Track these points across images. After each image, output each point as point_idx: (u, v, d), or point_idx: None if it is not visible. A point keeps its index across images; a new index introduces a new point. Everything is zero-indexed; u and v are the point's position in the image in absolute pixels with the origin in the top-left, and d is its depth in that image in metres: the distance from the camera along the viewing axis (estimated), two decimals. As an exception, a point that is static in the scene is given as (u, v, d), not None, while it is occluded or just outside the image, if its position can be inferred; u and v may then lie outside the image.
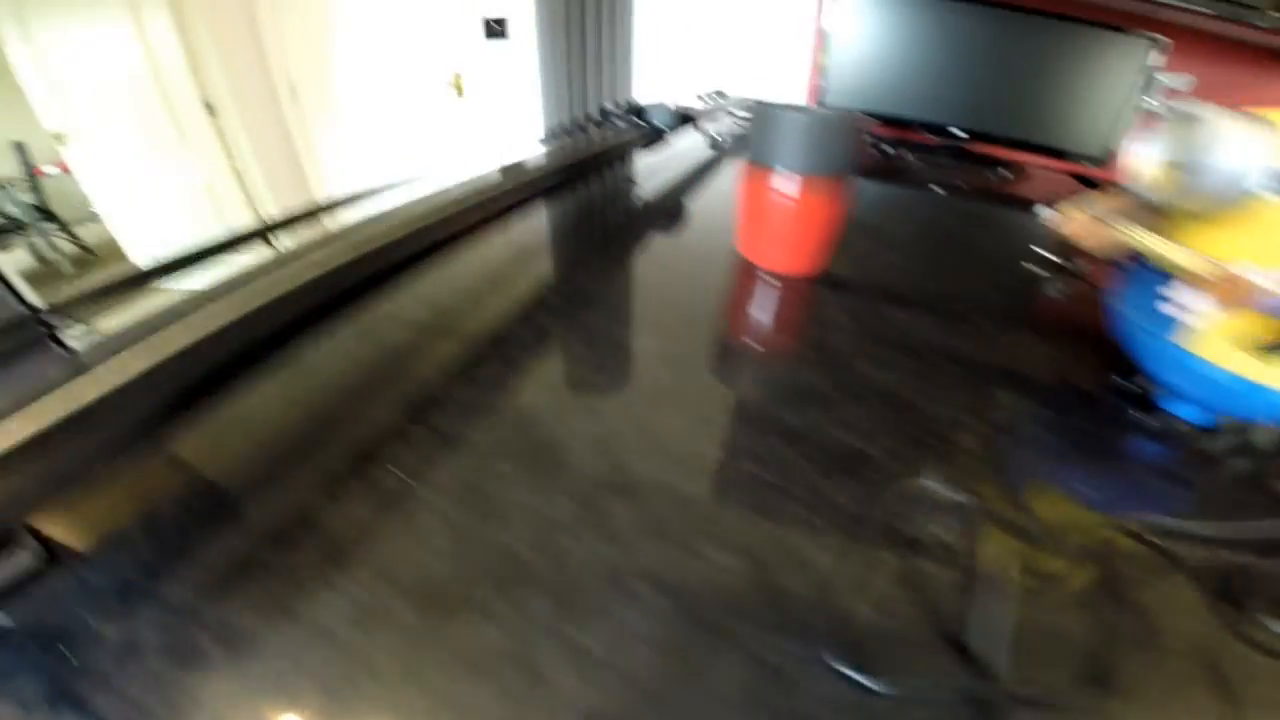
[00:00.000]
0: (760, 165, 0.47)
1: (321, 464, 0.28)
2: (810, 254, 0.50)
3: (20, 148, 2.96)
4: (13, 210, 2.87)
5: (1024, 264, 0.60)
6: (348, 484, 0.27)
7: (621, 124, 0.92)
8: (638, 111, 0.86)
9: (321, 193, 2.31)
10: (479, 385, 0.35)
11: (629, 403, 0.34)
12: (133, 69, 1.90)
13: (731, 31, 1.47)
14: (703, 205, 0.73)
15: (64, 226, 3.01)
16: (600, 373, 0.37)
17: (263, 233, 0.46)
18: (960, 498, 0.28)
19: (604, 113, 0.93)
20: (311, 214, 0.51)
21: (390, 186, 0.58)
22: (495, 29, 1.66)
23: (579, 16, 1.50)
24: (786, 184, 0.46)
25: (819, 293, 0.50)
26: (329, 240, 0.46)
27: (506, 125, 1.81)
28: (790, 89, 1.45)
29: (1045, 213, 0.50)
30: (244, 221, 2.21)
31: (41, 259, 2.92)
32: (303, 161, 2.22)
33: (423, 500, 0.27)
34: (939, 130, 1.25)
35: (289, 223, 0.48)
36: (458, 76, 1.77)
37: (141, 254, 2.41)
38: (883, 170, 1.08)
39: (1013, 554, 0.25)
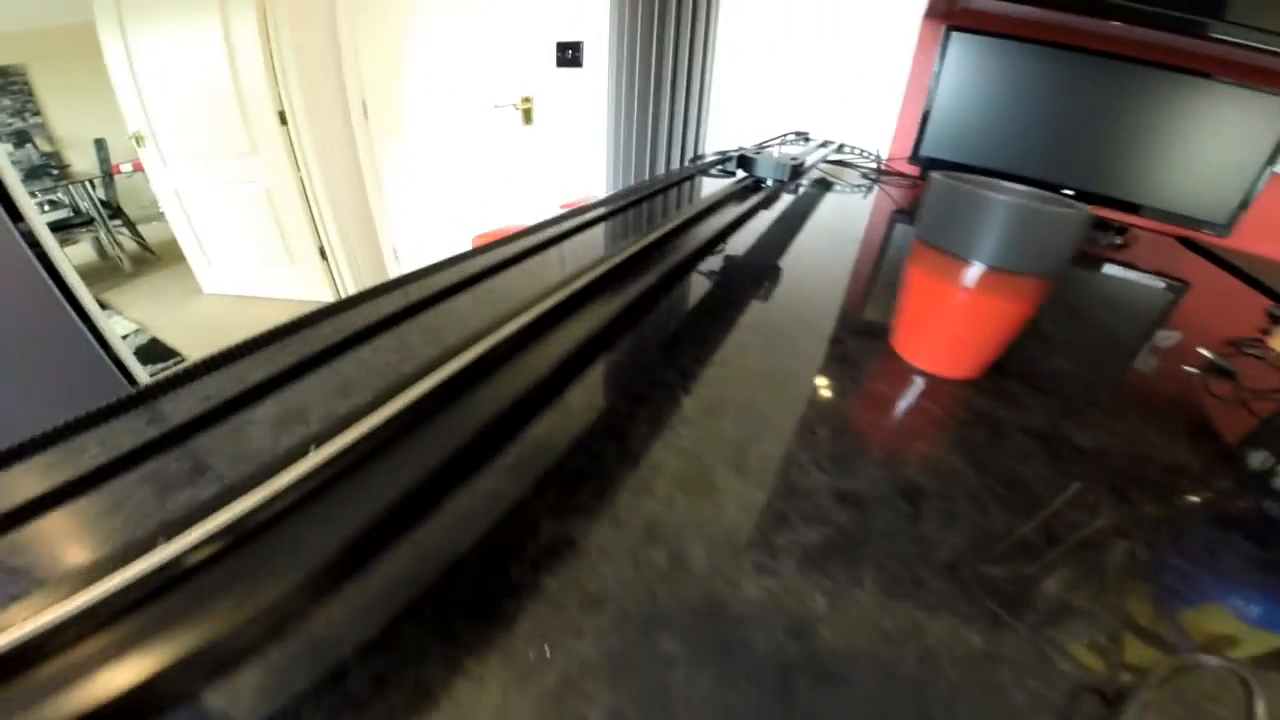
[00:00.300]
0: (943, 250, 0.40)
1: (445, 628, 0.22)
2: (985, 358, 0.43)
3: (101, 144, 3.12)
4: (85, 205, 3.01)
5: (1185, 368, 0.52)
6: (482, 658, 0.21)
7: (719, 174, 0.83)
8: (744, 163, 0.78)
9: (379, 207, 2.33)
10: (619, 525, 0.27)
11: (802, 552, 0.27)
12: (216, 75, 1.97)
13: (813, 72, 1.43)
14: (802, 267, 0.65)
15: (130, 224, 3.13)
16: (760, 512, 0.29)
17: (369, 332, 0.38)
18: (1232, 666, 0.23)
19: (703, 164, 0.84)
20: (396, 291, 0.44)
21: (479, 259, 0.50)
22: (568, 56, 1.66)
23: (656, 47, 1.48)
24: (979, 278, 0.39)
25: (985, 402, 0.42)
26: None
27: (573, 155, 1.80)
28: (874, 134, 1.40)
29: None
30: (300, 228, 2.24)
31: (103, 254, 3.03)
32: (365, 176, 2.25)
33: (579, 689, 0.20)
34: (1044, 189, 1.17)
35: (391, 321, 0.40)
36: (526, 101, 1.77)
37: (197, 256, 2.47)
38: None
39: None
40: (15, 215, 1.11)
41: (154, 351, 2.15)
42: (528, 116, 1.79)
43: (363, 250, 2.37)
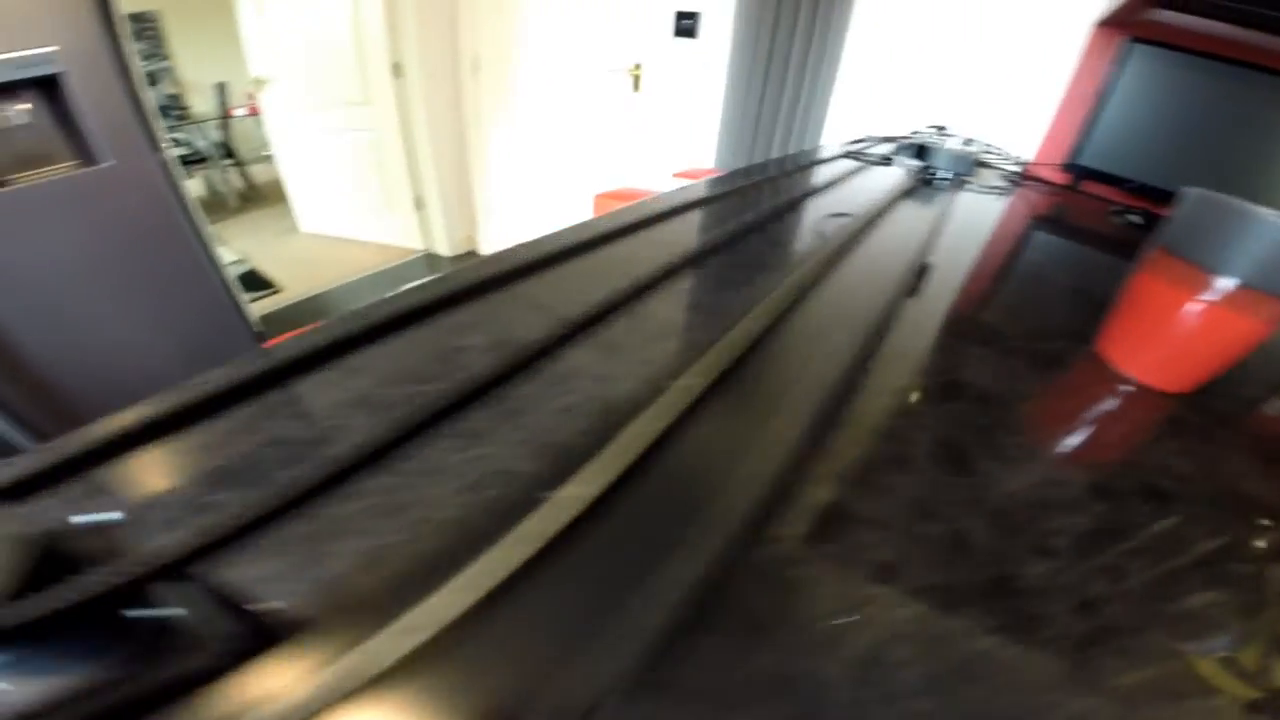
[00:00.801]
0: (1191, 262, 0.41)
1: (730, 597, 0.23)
2: (1206, 374, 0.43)
3: (222, 88, 3.33)
4: (201, 145, 3.22)
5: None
6: (779, 625, 0.22)
7: (888, 163, 0.78)
8: (921, 152, 0.73)
9: (477, 162, 2.37)
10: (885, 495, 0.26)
11: (1073, 537, 0.27)
12: (339, 25, 2.06)
13: (954, 66, 1.35)
14: (966, 267, 0.62)
15: (240, 164, 3.35)
16: (1021, 497, 0.29)
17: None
18: None
19: (865, 150, 0.79)
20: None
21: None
22: (685, 26, 1.62)
23: (782, 24, 1.43)
24: (1228, 293, 0.39)
25: (1201, 418, 0.42)
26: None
27: (681, 125, 1.77)
28: (1016, 136, 1.30)
29: None
30: (399, 177, 2.32)
31: (214, 191, 3.26)
32: (468, 131, 2.31)
33: (885, 658, 0.20)
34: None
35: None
36: (636, 68, 1.75)
37: (299, 197, 2.61)
38: (1130, 246, 0.92)
39: None
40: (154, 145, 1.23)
41: (253, 281, 2.30)
42: (636, 84, 1.77)
43: (456, 202, 2.44)
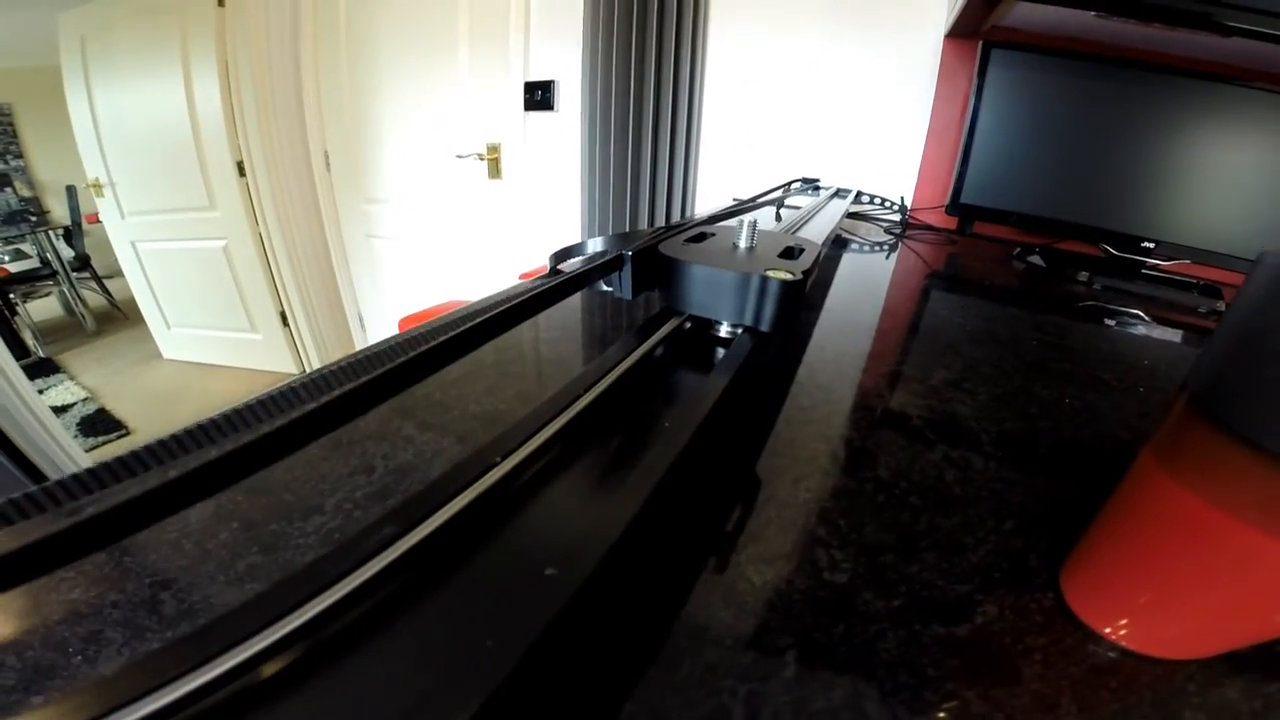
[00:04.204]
0: (1254, 442, 0.18)
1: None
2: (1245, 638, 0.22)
3: (72, 191, 3.14)
4: (52, 258, 2.99)
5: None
6: None
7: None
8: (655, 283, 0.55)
9: (342, 270, 2.24)
10: None
11: None
12: (175, 123, 1.95)
13: (818, 106, 1.30)
14: (842, 391, 0.48)
15: (97, 278, 3.12)
16: None
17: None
18: None
19: (569, 277, 0.65)
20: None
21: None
22: (538, 99, 1.55)
23: (635, 84, 1.36)
24: None
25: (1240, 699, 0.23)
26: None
27: (546, 211, 1.68)
28: (896, 178, 1.25)
29: None
30: (260, 291, 2.16)
31: (69, 310, 3.00)
32: (328, 235, 2.19)
33: None
34: (1118, 240, 0.99)
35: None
36: (493, 151, 1.66)
37: (156, 318, 2.42)
38: (1039, 294, 0.82)
39: None
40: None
41: (99, 423, 2.09)
42: (495, 168, 1.69)
43: (326, 317, 2.29)
